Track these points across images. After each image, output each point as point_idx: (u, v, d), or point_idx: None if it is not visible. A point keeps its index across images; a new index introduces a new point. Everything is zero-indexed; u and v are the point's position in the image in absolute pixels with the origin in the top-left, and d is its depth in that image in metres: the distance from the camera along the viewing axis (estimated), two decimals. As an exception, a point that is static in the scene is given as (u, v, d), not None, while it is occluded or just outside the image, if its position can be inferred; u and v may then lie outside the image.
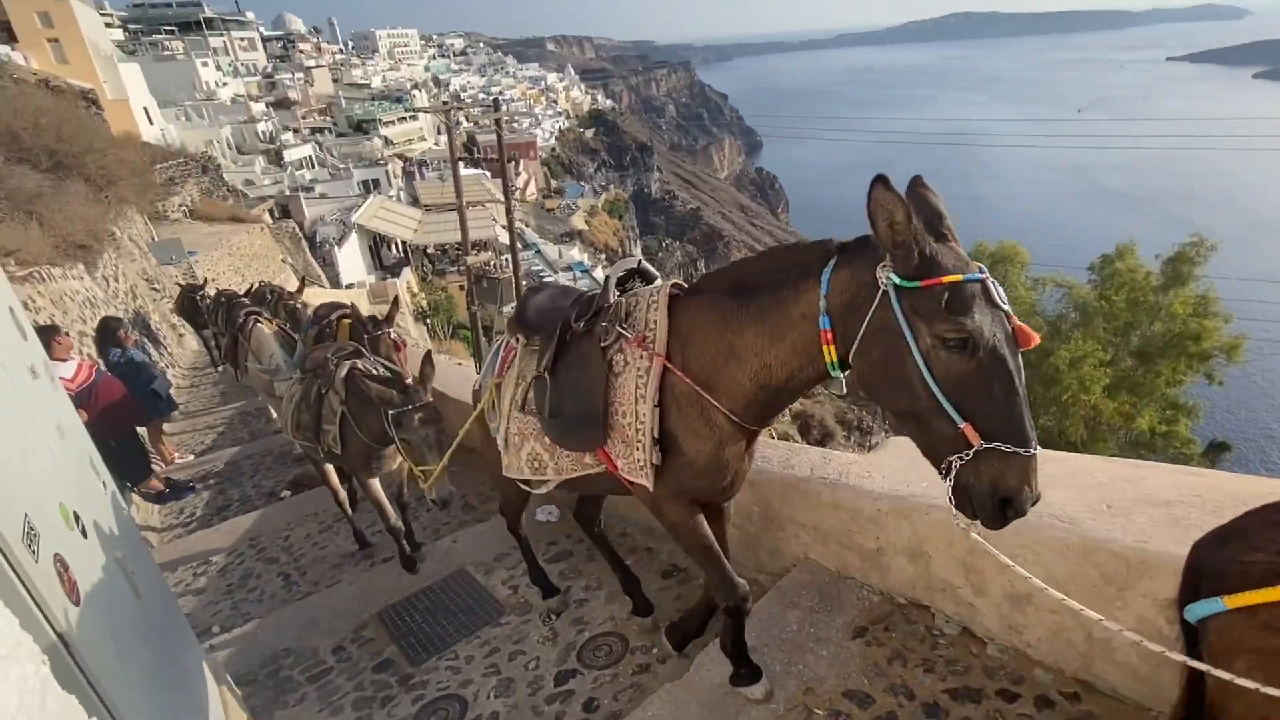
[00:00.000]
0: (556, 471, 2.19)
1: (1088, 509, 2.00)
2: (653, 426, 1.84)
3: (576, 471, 2.13)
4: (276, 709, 2.74)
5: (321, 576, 3.92)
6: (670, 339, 1.86)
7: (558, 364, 2.10)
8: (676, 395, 1.85)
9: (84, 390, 4.73)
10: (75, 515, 1.58)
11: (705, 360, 1.79)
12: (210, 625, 3.53)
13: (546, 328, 2.21)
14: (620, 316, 1.96)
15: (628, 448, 1.90)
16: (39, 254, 7.99)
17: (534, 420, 2.18)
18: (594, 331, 2.01)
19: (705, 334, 1.79)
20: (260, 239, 19.41)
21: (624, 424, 1.89)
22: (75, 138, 13.25)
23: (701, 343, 1.80)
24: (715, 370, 1.77)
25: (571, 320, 2.09)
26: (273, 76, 54.29)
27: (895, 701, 2.08)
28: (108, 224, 11.51)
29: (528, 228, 38.58)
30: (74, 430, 1.96)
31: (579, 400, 1.99)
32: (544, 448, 2.18)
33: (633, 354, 1.89)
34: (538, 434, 2.18)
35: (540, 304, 2.37)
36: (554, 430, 2.09)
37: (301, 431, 3.56)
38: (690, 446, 1.87)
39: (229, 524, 4.73)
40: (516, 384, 2.27)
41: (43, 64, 24.28)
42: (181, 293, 10.61)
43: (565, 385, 2.05)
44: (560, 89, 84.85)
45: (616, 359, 1.92)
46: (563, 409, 2.05)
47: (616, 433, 1.92)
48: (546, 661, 2.73)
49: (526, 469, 2.27)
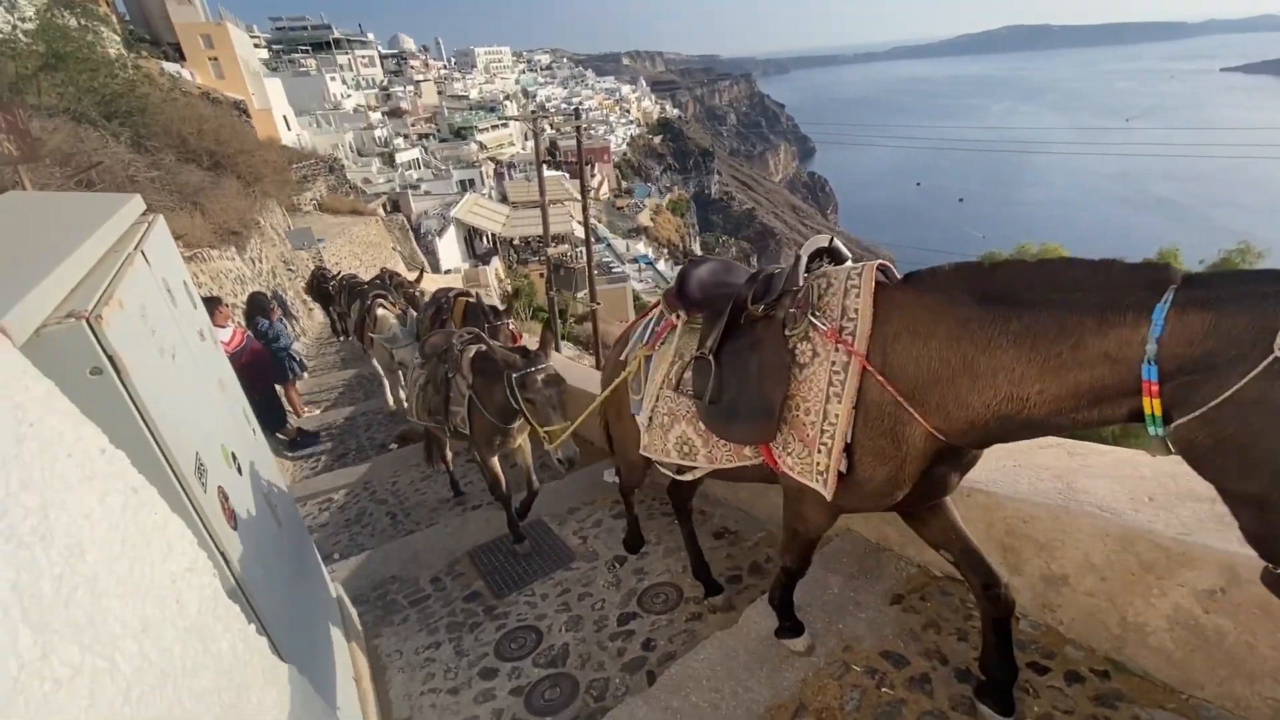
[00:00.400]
0: (709, 460, 1.85)
1: (1129, 500, 1.86)
2: (846, 430, 1.49)
3: (731, 463, 1.80)
4: (384, 626, 2.89)
5: (422, 518, 4.09)
6: (874, 334, 1.48)
7: (724, 346, 1.77)
8: (867, 402, 1.48)
9: (236, 353, 5.05)
10: (233, 455, 1.69)
11: (919, 368, 1.39)
12: (332, 553, 3.75)
13: (711, 305, 1.87)
14: (812, 302, 1.59)
15: (805, 448, 1.57)
16: (201, 238, 8.57)
17: (688, 403, 1.86)
18: (775, 316, 1.67)
19: (927, 338, 1.38)
20: (375, 229, 20.19)
21: (805, 422, 1.56)
22: (230, 141, 14.10)
23: (918, 347, 1.40)
24: (932, 383, 1.37)
25: (747, 300, 1.75)
26: (388, 89, 56.05)
27: (929, 665, 2.02)
28: (254, 214, 12.23)
29: (600, 224, 38.72)
30: (231, 385, 2.09)
31: (750, 389, 1.67)
32: (697, 433, 1.85)
33: (824, 346, 1.54)
34: (691, 418, 1.86)
35: (703, 278, 1.99)
36: (714, 417, 1.76)
37: (432, 415, 3.43)
38: (866, 462, 1.51)
39: (347, 470, 5.00)
40: (672, 362, 1.94)
41: (205, 79, 25.84)
42: (313, 275, 11.15)
43: (733, 370, 1.73)
44: (633, 99, 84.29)
45: (802, 349, 1.58)
46: (727, 396, 1.73)
47: (793, 430, 1.59)
48: (611, 604, 2.77)
49: (674, 452, 1.94)
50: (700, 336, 1.85)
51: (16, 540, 0.48)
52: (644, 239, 41.71)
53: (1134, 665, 1.86)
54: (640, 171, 64.46)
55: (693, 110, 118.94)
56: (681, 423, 1.90)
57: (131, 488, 0.72)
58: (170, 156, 11.58)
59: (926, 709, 1.87)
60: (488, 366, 2.97)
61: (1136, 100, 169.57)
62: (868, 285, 1.51)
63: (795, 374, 1.58)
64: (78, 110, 10.83)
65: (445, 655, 2.64)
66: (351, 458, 5.55)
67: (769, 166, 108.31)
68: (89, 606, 0.54)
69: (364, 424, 6.38)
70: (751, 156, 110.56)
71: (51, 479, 0.56)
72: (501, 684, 2.42)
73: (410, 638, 2.79)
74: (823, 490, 1.55)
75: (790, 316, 1.62)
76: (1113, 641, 1.90)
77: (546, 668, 2.46)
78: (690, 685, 2.06)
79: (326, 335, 11.69)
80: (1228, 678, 1.67)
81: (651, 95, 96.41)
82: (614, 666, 2.42)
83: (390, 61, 68.65)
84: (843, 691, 1.97)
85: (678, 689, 2.05)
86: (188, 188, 10.34)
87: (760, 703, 1.97)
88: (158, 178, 9.86)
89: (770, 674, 2.06)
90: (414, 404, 3.61)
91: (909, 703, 1.90)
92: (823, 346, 1.54)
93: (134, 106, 12.24)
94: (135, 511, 0.70)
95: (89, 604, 0.54)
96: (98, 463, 0.66)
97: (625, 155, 63.22)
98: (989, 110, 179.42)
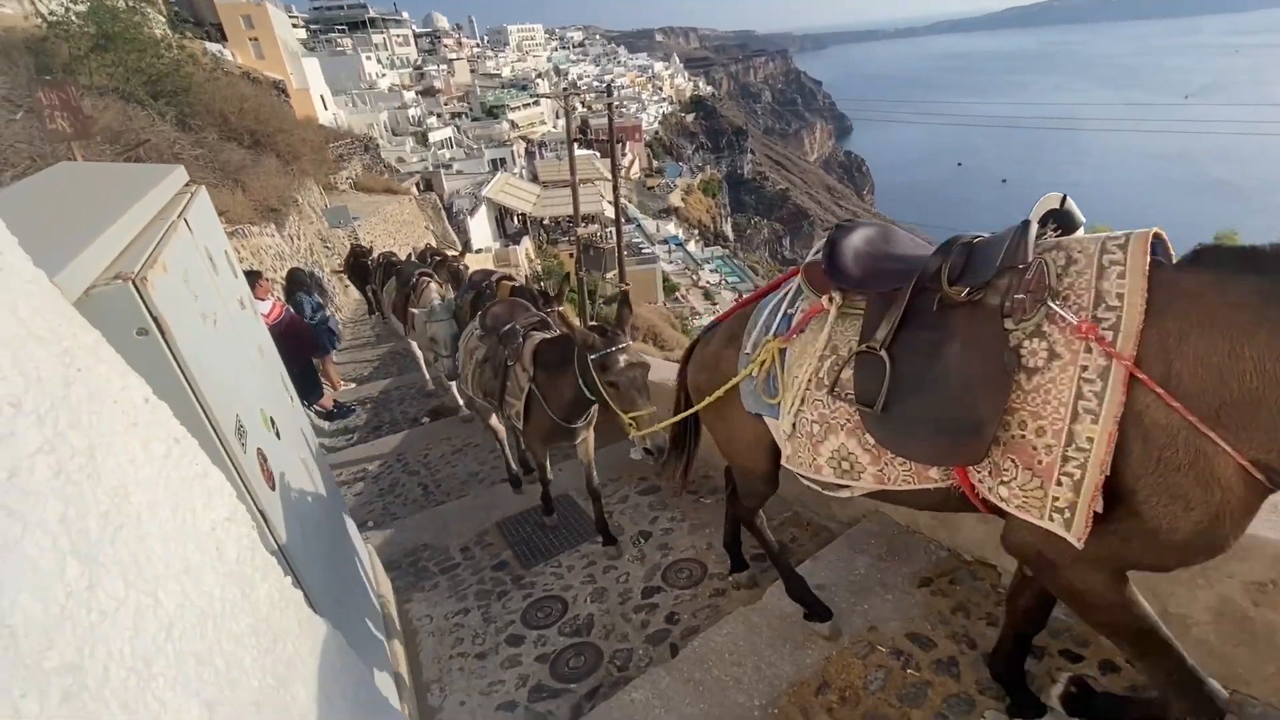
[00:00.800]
0: (878, 479, 1.47)
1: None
2: (1105, 459, 1.11)
3: (908, 485, 1.44)
4: (415, 591, 2.98)
5: (453, 489, 4.18)
6: (1147, 331, 1.10)
7: (900, 338, 1.40)
8: (1146, 425, 1.10)
9: (275, 325, 5.19)
10: (271, 420, 1.73)
11: (1225, 382, 1.03)
12: (366, 520, 3.86)
13: (878, 283, 1.49)
14: (1048, 284, 1.22)
15: (1034, 477, 1.20)
16: (242, 214, 8.80)
17: (848, 409, 1.47)
18: (985, 302, 1.29)
19: (1235, 341, 1.02)
20: (409, 208, 20.45)
21: (1035, 444, 1.19)
22: (269, 120, 14.38)
23: (1220, 352, 1.04)
24: (1249, 404, 1.02)
25: (939, 278, 1.36)
26: (421, 68, 56.24)
27: (957, 648, 1.99)
28: (293, 192, 12.49)
29: (630, 204, 38.53)
30: (270, 353, 2.15)
31: (945, 396, 1.31)
32: (863, 447, 1.46)
33: (1069, 345, 1.17)
34: (853, 428, 1.47)
35: (859, 249, 1.59)
36: (888, 429, 1.39)
37: (487, 397, 3.19)
38: (1160, 510, 1.12)
39: (381, 441, 5.12)
40: (822, 356, 1.55)
41: (245, 59, 26.30)
42: (350, 252, 11.34)
43: (916, 370, 1.36)
44: (665, 77, 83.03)
45: (1033, 348, 1.21)
46: (908, 403, 1.36)
47: (1012, 453, 1.23)
48: (635, 577, 2.80)
49: (827, 469, 1.55)
50: (865, 325, 1.47)
51: (65, 476, 0.50)
52: (674, 219, 41.40)
53: (1173, 656, 1.80)
54: (672, 150, 63.74)
55: (726, 87, 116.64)
56: (839, 434, 1.50)
57: (174, 438, 0.74)
58: (213, 135, 11.88)
59: (953, 692, 1.85)
60: (553, 358, 2.68)
61: (1195, 76, 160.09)
62: (1137, 262, 1.14)
63: (1021, 381, 1.21)
64: (126, 90, 11.15)
65: (473, 621, 2.71)
66: (385, 430, 5.69)
67: (804, 145, 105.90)
68: (133, 545, 0.56)
69: (397, 398, 6.52)
70: (786, 135, 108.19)
71: (98, 422, 0.58)
72: (527, 651, 2.48)
73: (440, 603, 2.86)
74: (1063, 532, 1.18)
75: (1016, 305, 1.23)
76: (1151, 631, 1.84)
77: (571, 637, 2.51)
78: (712, 658, 2.07)
79: (361, 313, 11.94)
80: (1276, 673, 1.61)
81: (685, 72, 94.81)
82: (637, 638, 2.45)
83: (424, 40, 68.79)
84: (867, 671, 1.96)
85: (700, 661, 2.07)
86: (229, 165, 10.61)
87: (783, 678, 1.98)
88: (201, 155, 10.13)
89: (793, 651, 2.06)
90: (470, 379, 3.36)
91: (935, 685, 1.88)
92: (1066, 346, 1.17)
93: (179, 86, 12.55)
94: (177, 461, 0.72)
95: (133, 543, 0.56)
96: (141, 411, 0.68)
97: (657, 134, 62.51)
98: (1036, 87, 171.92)
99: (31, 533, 0.44)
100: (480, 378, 3.20)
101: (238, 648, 0.69)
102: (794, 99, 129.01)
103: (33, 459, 0.47)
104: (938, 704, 1.82)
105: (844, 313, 1.55)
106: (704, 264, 37.85)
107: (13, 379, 0.48)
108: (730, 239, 51.62)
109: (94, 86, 10.46)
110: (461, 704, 2.28)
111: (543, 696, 2.25)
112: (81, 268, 1.07)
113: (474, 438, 4.82)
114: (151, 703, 0.51)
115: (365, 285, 9.83)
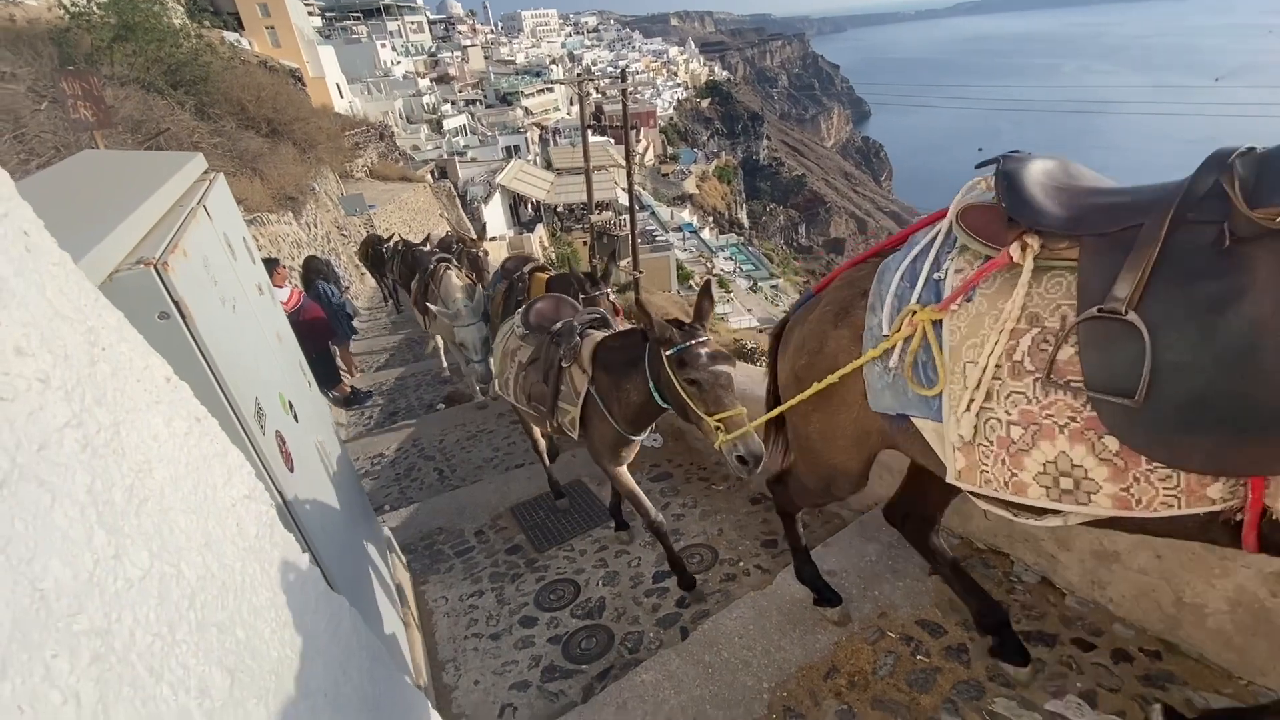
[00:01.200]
0: (1119, 502, 1.04)
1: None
2: None
3: (1168, 508, 1.00)
4: (430, 574, 3.03)
5: (468, 474, 4.23)
6: None
7: (1157, 290, 0.99)
8: None
9: (293, 312, 5.26)
10: (290, 403, 1.77)
11: None
12: (382, 504, 3.93)
13: (1096, 220, 1.09)
14: None
15: None
16: (260, 202, 8.89)
17: (1068, 401, 1.06)
18: None
19: None
20: (423, 196, 20.52)
21: None
22: (286, 109, 14.47)
23: None
24: None
25: (1236, 200, 0.93)
26: (436, 55, 56.15)
27: (967, 636, 1.99)
28: (309, 180, 12.58)
29: (644, 190, 38.33)
30: (288, 339, 2.19)
31: (1258, 370, 0.89)
32: (1097, 456, 1.04)
33: None
34: (1081, 429, 1.05)
35: (1043, 183, 1.19)
36: (1161, 428, 0.96)
37: (533, 403, 2.73)
38: None
39: (397, 427, 5.20)
40: (1015, 331, 1.13)
41: (262, 47, 26.44)
42: (365, 241, 11.40)
43: (1195, 336, 0.94)
44: (680, 62, 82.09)
45: None
46: (1193, 385, 0.94)
47: None
48: (646, 562, 2.83)
49: (1035, 488, 1.12)
50: (1083, 282, 1.06)
51: (92, 450, 0.52)
52: (689, 206, 41.14)
53: (1188, 647, 1.79)
54: (687, 136, 63.17)
55: (742, 72, 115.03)
56: (1056, 438, 1.08)
57: (195, 417, 0.76)
58: (231, 123, 11.99)
59: (962, 678, 1.85)
60: (619, 356, 2.33)
61: (1227, 58, 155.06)
62: None
63: None
64: (146, 79, 11.28)
65: (488, 603, 2.75)
66: (401, 416, 5.76)
67: (821, 131, 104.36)
68: (157, 518, 0.58)
69: (413, 385, 6.60)
70: (803, 120, 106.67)
71: (122, 399, 0.60)
72: (540, 632, 2.52)
73: (455, 585, 2.91)
74: None
75: None
76: (1166, 622, 1.83)
77: (583, 619, 2.54)
78: (723, 642, 2.09)
79: (377, 301, 12.04)
80: (1292, 663, 1.59)
81: (700, 57, 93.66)
82: (648, 621, 2.48)
83: (438, 27, 68.61)
84: (876, 656, 1.97)
85: (710, 644, 2.09)
86: (247, 154, 10.72)
87: (792, 662, 1.99)
88: (219, 144, 10.24)
89: (803, 635, 2.07)
90: (510, 383, 2.90)
91: (944, 671, 1.89)
92: None
93: (197, 75, 12.67)
94: (198, 439, 0.74)
95: (157, 516, 0.58)
96: (163, 389, 0.70)
97: (672, 119, 61.94)
98: (1060, 69, 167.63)
99: (60, 503, 0.46)
100: (525, 382, 2.79)
101: (258, 619, 0.71)
102: (811, 83, 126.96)
103: (61, 433, 0.49)
104: (947, 690, 1.83)
105: (1049, 268, 1.13)
106: (718, 252, 37.61)
107: (41, 356, 0.50)
108: (745, 226, 51.22)
109: (115, 76, 10.60)
110: (476, 683, 2.33)
111: (555, 677, 2.29)
112: (105, 253, 1.10)
113: (488, 424, 4.87)
114: (176, 668, 0.53)
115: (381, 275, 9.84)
